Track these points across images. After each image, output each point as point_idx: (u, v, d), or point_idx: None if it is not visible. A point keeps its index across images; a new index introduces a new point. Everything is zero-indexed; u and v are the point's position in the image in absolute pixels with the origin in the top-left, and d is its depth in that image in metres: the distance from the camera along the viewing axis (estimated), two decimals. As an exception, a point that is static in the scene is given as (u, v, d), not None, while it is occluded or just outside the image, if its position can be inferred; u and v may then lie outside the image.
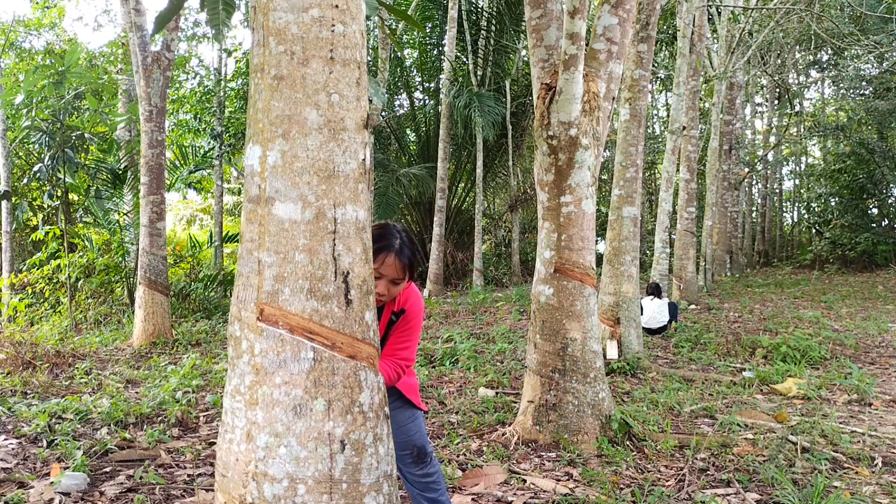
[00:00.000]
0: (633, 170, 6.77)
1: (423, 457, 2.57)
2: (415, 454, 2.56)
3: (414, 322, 2.47)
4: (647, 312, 8.39)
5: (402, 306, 2.43)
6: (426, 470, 2.58)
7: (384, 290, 2.28)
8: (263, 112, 1.96)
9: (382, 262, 2.24)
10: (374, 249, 2.22)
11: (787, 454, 3.78)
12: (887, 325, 9.18)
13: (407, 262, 2.26)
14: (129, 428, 4.28)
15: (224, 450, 2.00)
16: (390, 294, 2.31)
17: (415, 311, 2.46)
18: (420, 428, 2.58)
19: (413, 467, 2.58)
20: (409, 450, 2.56)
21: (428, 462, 2.58)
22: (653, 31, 6.82)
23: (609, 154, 19.51)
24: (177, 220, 24.62)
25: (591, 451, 3.91)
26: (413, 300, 2.45)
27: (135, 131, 13.04)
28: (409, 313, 2.44)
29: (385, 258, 2.25)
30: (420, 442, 2.56)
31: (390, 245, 2.26)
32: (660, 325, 8.47)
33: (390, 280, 2.28)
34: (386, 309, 2.42)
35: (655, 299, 8.60)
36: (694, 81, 12.34)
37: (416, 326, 2.49)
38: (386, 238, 2.27)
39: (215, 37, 3.68)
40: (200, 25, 16.84)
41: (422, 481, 2.59)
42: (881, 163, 19.94)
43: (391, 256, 2.24)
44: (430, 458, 2.59)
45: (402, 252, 2.26)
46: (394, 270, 2.25)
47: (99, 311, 9.81)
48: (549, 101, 4.12)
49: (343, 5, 1.98)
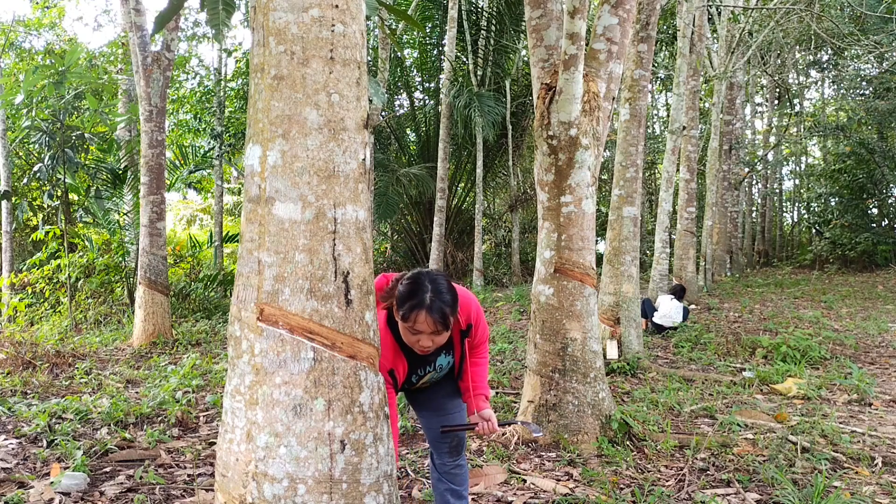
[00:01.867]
0: (633, 170, 6.77)
1: (461, 449, 2.66)
2: (454, 444, 2.63)
3: (482, 327, 2.54)
4: (662, 309, 8.44)
5: (469, 321, 2.45)
6: (458, 461, 2.66)
7: (429, 343, 2.22)
8: (263, 112, 1.96)
9: (415, 320, 2.17)
10: (407, 307, 2.19)
11: (787, 454, 3.78)
12: (887, 325, 9.18)
13: (439, 317, 2.17)
14: (129, 428, 4.28)
15: (224, 450, 2.00)
16: (436, 344, 2.24)
17: (478, 318, 2.49)
18: (463, 419, 2.64)
19: (447, 457, 2.65)
20: (449, 439, 2.62)
21: (462, 453, 2.67)
22: (653, 31, 6.82)
23: (609, 154, 19.51)
24: (177, 220, 24.62)
25: (591, 451, 3.91)
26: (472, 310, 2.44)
27: (135, 131, 13.04)
28: (475, 324, 2.49)
29: (417, 316, 2.17)
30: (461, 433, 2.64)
31: (421, 302, 2.17)
32: (671, 325, 8.49)
33: (430, 334, 2.21)
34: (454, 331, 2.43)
35: (675, 300, 8.63)
36: (694, 81, 12.34)
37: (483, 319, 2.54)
38: (417, 295, 2.18)
39: (215, 37, 3.68)
40: (200, 25, 16.83)
41: (452, 472, 2.66)
42: (881, 163, 19.93)
43: (422, 314, 2.16)
44: (464, 449, 2.69)
45: (433, 307, 2.16)
46: (427, 326, 2.18)
47: (99, 311, 9.81)
48: (549, 101, 4.12)
49: (343, 5, 1.98)
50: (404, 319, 2.20)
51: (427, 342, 2.22)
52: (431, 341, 2.22)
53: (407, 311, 2.18)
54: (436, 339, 2.22)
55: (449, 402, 2.64)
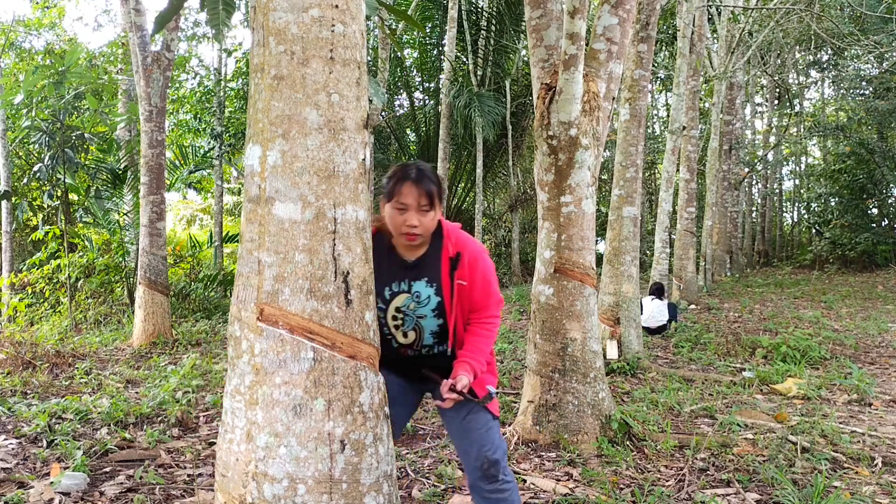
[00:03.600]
0: (633, 170, 6.77)
1: (495, 472, 2.26)
2: (485, 467, 2.25)
3: (482, 265, 2.28)
4: (646, 311, 8.40)
5: (459, 250, 2.25)
6: (497, 486, 2.27)
7: (416, 221, 2.14)
8: (263, 112, 1.96)
9: (400, 192, 2.14)
10: (393, 181, 2.16)
11: (787, 454, 3.78)
12: (887, 325, 9.18)
13: (426, 190, 2.13)
14: (129, 428, 4.28)
15: (224, 450, 2.00)
16: (423, 225, 2.16)
17: (476, 251, 2.27)
18: (494, 438, 2.29)
19: (483, 482, 2.28)
20: (479, 461, 2.26)
21: (500, 477, 2.27)
22: (653, 31, 6.82)
23: (609, 154, 19.51)
24: (177, 220, 24.61)
25: (591, 451, 3.91)
26: (467, 241, 2.29)
27: (135, 131, 13.03)
28: (470, 254, 2.26)
29: (402, 188, 2.14)
30: (493, 455, 2.26)
31: (406, 174, 2.15)
32: (659, 325, 8.47)
33: (417, 210, 2.15)
34: (443, 257, 2.26)
35: (656, 300, 8.60)
36: (694, 81, 12.34)
37: (487, 271, 2.30)
38: (402, 170, 2.18)
39: (215, 37, 3.68)
40: (200, 25, 16.83)
41: (492, 497, 2.28)
42: (881, 163, 19.93)
43: (407, 184, 2.13)
44: (502, 472, 2.28)
45: (419, 178, 2.14)
46: (412, 197, 2.13)
47: (99, 311, 9.80)
48: (549, 101, 4.12)
49: (343, 5, 1.98)
50: (390, 196, 2.16)
51: (414, 220, 2.14)
52: (418, 221, 2.15)
53: (393, 185, 2.16)
54: (423, 219, 2.15)
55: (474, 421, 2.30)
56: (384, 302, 2.27)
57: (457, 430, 2.32)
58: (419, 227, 2.16)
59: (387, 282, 2.26)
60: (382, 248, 2.26)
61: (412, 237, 2.18)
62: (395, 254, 2.29)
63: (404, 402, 2.43)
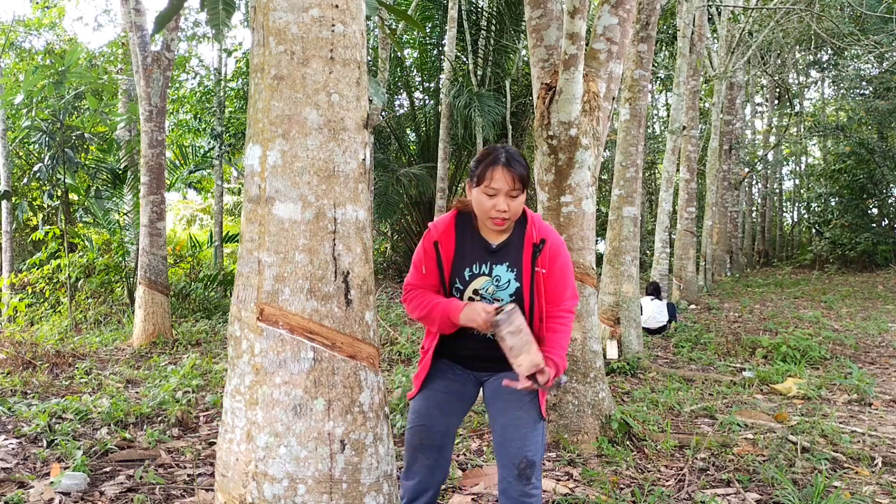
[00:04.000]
0: (633, 170, 6.77)
1: (530, 473, 2.21)
2: (522, 466, 2.20)
3: (563, 256, 2.29)
4: (646, 312, 8.40)
5: (543, 237, 2.26)
6: (528, 489, 2.21)
7: (505, 206, 2.15)
8: (263, 112, 1.96)
9: (491, 177, 2.14)
10: (482, 166, 2.17)
11: (787, 454, 3.78)
12: (887, 325, 9.18)
13: (518, 174, 2.14)
14: (129, 428, 4.28)
15: (224, 450, 2.00)
16: (512, 210, 2.17)
17: (558, 241, 2.29)
18: (538, 439, 2.25)
19: (517, 482, 2.21)
20: (518, 460, 2.20)
21: (532, 480, 2.22)
22: (653, 31, 6.82)
23: (609, 154, 19.50)
24: (177, 220, 24.61)
25: (591, 450, 3.91)
26: (550, 230, 2.31)
27: (135, 131, 13.03)
28: (552, 243, 2.27)
29: (493, 173, 2.14)
30: (533, 456, 2.21)
31: (496, 159, 2.15)
32: (659, 325, 8.47)
33: (506, 194, 2.15)
34: (526, 243, 2.26)
35: (655, 300, 8.60)
36: (694, 81, 12.34)
37: (566, 263, 2.31)
38: (492, 154, 2.18)
39: (215, 37, 3.68)
40: (200, 25, 16.82)
41: (521, 500, 2.22)
42: (881, 163, 19.93)
43: (498, 169, 2.13)
44: (535, 475, 2.23)
45: (509, 162, 2.14)
46: (503, 182, 2.13)
47: (99, 311, 9.80)
48: (549, 101, 4.12)
49: (343, 5, 1.98)
50: (480, 181, 2.16)
51: (503, 205, 2.14)
52: (508, 206, 2.15)
53: (483, 170, 2.16)
54: (511, 203, 2.16)
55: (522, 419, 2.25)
56: (462, 283, 2.29)
57: (503, 426, 2.28)
58: (508, 211, 2.16)
59: (468, 263, 2.28)
60: (466, 230, 2.29)
61: (500, 222, 2.18)
62: (478, 236, 2.30)
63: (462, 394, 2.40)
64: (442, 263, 2.29)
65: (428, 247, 2.29)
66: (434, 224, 2.32)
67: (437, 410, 2.32)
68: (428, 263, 2.31)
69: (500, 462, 2.28)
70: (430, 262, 2.30)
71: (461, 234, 2.28)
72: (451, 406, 2.35)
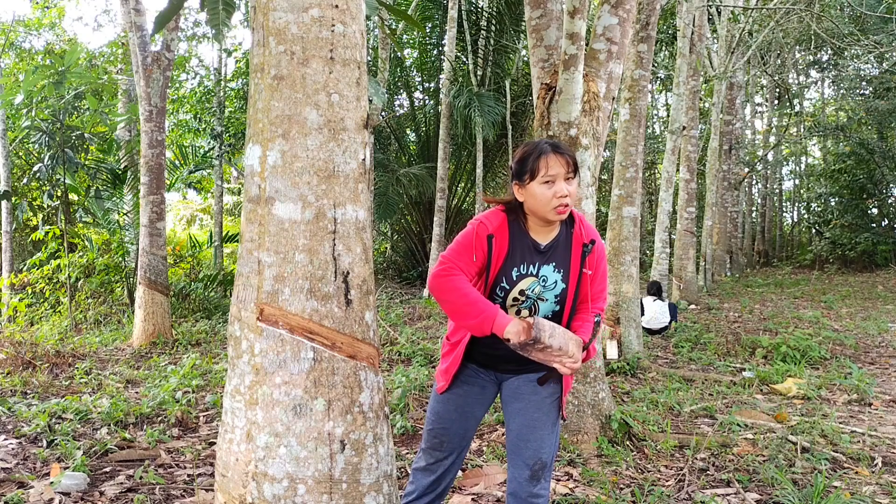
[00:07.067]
0: (633, 170, 6.77)
1: (542, 474, 2.21)
2: (536, 468, 2.20)
3: (605, 263, 2.33)
4: (648, 313, 8.39)
5: (592, 237, 2.26)
6: (538, 490, 2.21)
7: (566, 191, 2.12)
8: (263, 112, 1.96)
9: (546, 164, 2.11)
10: (532, 158, 2.15)
11: (787, 454, 3.78)
12: (887, 325, 9.18)
13: (570, 156, 2.14)
14: (129, 428, 4.28)
15: (224, 450, 2.00)
16: (572, 195, 2.14)
17: (602, 243, 2.30)
18: (554, 441, 2.26)
19: (529, 483, 2.20)
20: (533, 461, 2.19)
21: (542, 482, 2.22)
22: (653, 31, 6.82)
23: (609, 154, 19.50)
24: (177, 220, 24.61)
25: (591, 450, 3.91)
26: (595, 231, 2.33)
27: (135, 131, 13.03)
28: (600, 245, 2.28)
29: (547, 160, 2.12)
30: (547, 457, 2.22)
31: (543, 148, 2.14)
32: (661, 326, 8.47)
33: (563, 179, 2.13)
34: (575, 244, 2.25)
35: (658, 300, 8.60)
36: (694, 81, 12.34)
37: (606, 265, 2.35)
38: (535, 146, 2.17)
39: (215, 37, 3.68)
40: (200, 25, 16.82)
41: (530, 500, 2.20)
42: (881, 163, 19.94)
43: (550, 156, 2.12)
44: (545, 477, 2.23)
45: (559, 148, 2.14)
46: (558, 164, 2.11)
47: (99, 311, 9.80)
48: (549, 101, 4.12)
49: (343, 5, 1.98)
50: (534, 174, 2.13)
51: (564, 189, 2.12)
52: (567, 190, 2.13)
53: (533, 162, 2.13)
54: (570, 188, 2.14)
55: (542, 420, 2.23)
56: (510, 283, 2.23)
57: (519, 426, 2.26)
58: (569, 195, 2.14)
59: (517, 263, 2.23)
60: (516, 229, 2.25)
61: (564, 209, 2.14)
62: (528, 237, 2.25)
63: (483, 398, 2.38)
64: (492, 259, 2.22)
65: (482, 238, 2.21)
66: (486, 217, 2.25)
67: (456, 414, 2.33)
68: (477, 254, 2.22)
69: (512, 462, 2.26)
70: (481, 254, 2.21)
71: (513, 233, 2.23)
72: (471, 410, 2.35)
